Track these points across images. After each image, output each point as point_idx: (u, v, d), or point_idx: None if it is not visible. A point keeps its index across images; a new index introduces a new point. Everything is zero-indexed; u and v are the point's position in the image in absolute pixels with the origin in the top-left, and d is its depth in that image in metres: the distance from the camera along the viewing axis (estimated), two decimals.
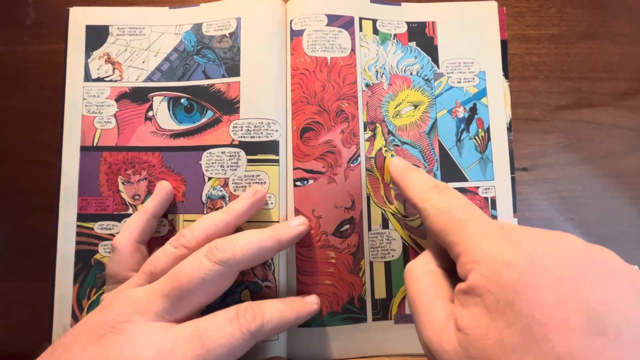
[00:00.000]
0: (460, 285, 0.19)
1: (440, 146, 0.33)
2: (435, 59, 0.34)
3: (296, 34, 0.33)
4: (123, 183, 0.32)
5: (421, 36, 0.34)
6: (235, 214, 0.28)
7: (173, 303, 0.23)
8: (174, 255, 0.26)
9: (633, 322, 0.15)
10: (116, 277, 0.27)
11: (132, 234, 0.28)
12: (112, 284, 0.27)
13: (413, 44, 0.34)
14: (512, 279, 0.17)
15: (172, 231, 0.31)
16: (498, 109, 0.34)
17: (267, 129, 0.31)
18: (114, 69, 0.33)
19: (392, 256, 0.32)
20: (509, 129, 0.34)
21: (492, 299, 0.17)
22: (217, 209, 0.30)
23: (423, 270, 0.23)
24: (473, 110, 0.33)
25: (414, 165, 0.32)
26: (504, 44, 0.34)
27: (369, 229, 0.32)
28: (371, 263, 0.31)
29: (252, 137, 0.31)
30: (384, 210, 0.32)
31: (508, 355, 0.16)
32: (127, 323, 0.22)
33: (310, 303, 0.28)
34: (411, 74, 0.34)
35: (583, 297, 0.16)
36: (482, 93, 0.34)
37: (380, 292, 0.31)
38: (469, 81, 0.34)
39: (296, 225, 0.29)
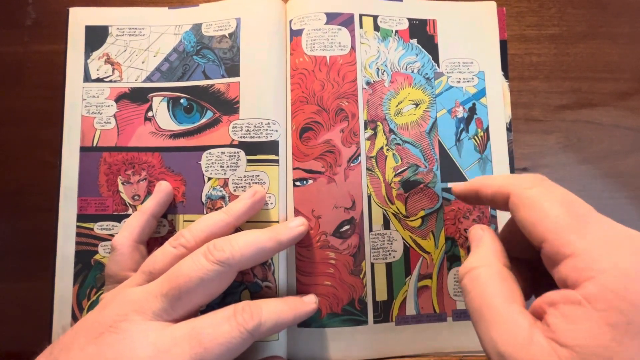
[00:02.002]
0: (567, 293, 0.16)
1: (440, 146, 0.33)
2: (435, 58, 0.34)
3: (295, 34, 0.33)
4: (123, 183, 0.32)
5: (422, 34, 0.34)
6: (235, 214, 0.28)
7: (171, 302, 0.23)
8: (172, 255, 0.25)
9: None
10: (115, 277, 0.27)
11: (132, 234, 0.28)
12: (111, 284, 0.27)
13: (414, 41, 0.34)
14: None
15: (172, 231, 0.31)
16: (497, 109, 0.34)
17: (266, 129, 0.31)
18: (113, 70, 0.33)
19: (394, 257, 0.32)
20: (509, 129, 0.34)
21: (620, 317, 0.15)
22: (216, 209, 0.30)
23: (489, 271, 0.20)
24: (472, 110, 0.33)
25: (414, 164, 0.32)
26: (503, 44, 0.34)
27: (370, 229, 0.32)
28: (372, 264, 0.31)
29: (251, 137, 0.31)
30: (385, 210, 0.32)
31: None
32: (125, 322, 0.22)
33: (308, 302, 0.28)
34: (412, 71, 0.34)
35: None
36: (481, 93, 0.34)
37: (382, 294, 0.31)
38: (468, 81, 0.34)
39: (296, 225, 0.29)
